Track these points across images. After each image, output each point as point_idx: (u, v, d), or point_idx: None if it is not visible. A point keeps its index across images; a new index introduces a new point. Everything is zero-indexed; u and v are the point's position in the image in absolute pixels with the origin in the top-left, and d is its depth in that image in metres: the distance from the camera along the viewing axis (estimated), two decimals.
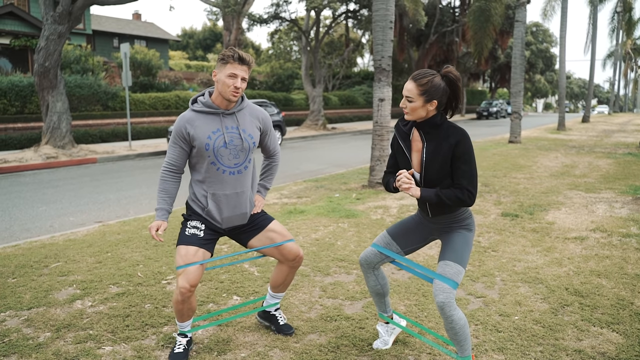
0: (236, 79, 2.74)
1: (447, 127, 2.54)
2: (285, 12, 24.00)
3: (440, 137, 2.53)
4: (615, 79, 57.07)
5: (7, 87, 16.99)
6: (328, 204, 7.14)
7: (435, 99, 2.50)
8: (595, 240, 5.26)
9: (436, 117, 2.55)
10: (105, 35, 35.75)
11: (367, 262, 2.87)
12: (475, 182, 2.52)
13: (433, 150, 2.54)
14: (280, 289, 3.19)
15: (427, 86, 2.48)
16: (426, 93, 2.48)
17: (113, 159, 14.08)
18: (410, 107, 2.53)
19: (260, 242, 3.02)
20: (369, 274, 2.90)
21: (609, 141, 18.36)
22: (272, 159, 3.25)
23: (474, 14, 24.40)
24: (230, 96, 2.77)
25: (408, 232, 2.82)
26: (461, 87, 2.60)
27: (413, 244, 2.83)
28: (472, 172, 2.51)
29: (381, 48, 8.30)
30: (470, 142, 2.51)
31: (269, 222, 3.06)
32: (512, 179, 9.34)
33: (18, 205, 7.71)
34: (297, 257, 3.06)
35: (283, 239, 3.03)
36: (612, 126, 29.44)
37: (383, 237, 2.86)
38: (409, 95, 2.52)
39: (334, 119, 31.43)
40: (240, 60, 2.74)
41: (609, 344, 3.04)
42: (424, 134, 2.58)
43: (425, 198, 2.54)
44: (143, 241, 5.31)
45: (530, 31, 48.72)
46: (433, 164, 2.54)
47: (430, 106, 2.51)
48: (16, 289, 3.98)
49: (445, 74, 2.52)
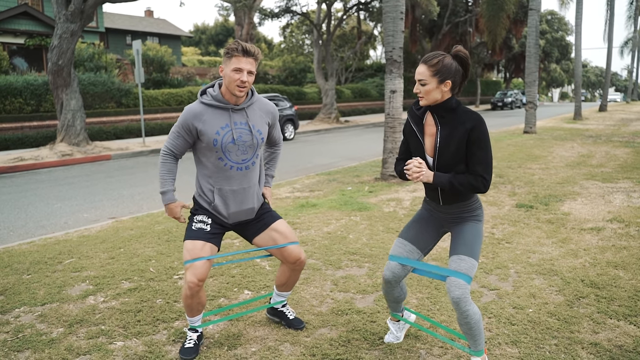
0: (242, 73, 2.68)
1: (462, 111, 2.47)
2: (296, 5, 23.92)
3: (455, 121, 2.46)
4: (634, 67, 56.07)
5: (22, 86, 17.18)
6: (340, 197, 7.11)
7: (449, 79, 2.43)
8: (612, 230, 5.16)
9: (451, 100, 2.48)
10: (117, 33, 35.96)
11: (396, 278, 2.72)
12: (490, 169, 2.45)
13: (447, 134, 2.47)
14: (284, 288, 3.16)
15: (438, 66, 2.42)
16: (439, 73, 2.42)
17: (127, 155, 14.18)
18: (424, 91, 2.46)
19: (263, 240, 2.97)
20: (396, 287, 2.77)
21: (627, 130, 18.05)
22: (275, 148, 3.24)
23: (487, 3, 24.12)
24: (236, 91, 2.72)
25: (422, 231, 2.73)
26: (470, 65, 2.53)
27: (430, 243, 2.75)
28: (487, 159, 2.44)
29: (392, 39, 8.22)
30: (486, 128, 2.45)
31: (274, 221, 3.00)
32: (527, 169, 9.22)
33: (34, 203, 7.79)
34: (297, 261, 2.98)
35: (285, 240, 2.95)
36: (631, 114, 28.93)
37: (402, 245, 2.72)
38: (421, 79, 2.45)
39: (347, 112, 31.31)
40: (245, 53, 2.67)
41: (626, 336, 2.97)
42: (439, 118, 2.51)
43: (438, 183, 2.47)
44: (155, 237, 5.33)
45: (545, 19, 47.99)
46: (447, 148, 2.47)
47: (445, 87, 2.44)
48: (30, 285, 4.01)
49: (455, 54, 2.47)
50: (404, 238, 2.74)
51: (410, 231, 2.75)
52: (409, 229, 2.77)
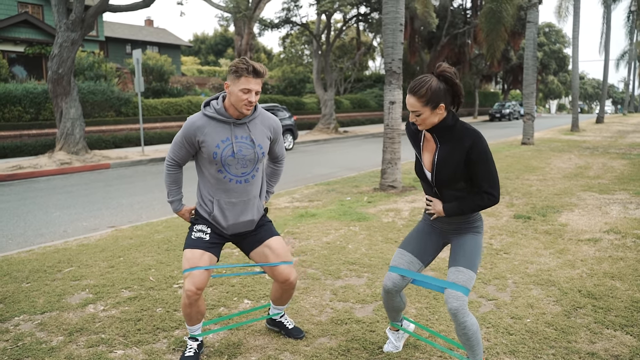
0: (250, 94, 2.69)
1: (460, 128, 2.49)
2: (296, 16, 24.06)
3: (454, 139, 2.49)
4: (630, 79, 56.39)
5: (21, 94, 17.23)
6: (339, 207, 7.14)
7: (442, 102, 2.45)
8: (609, 241, 5.20)
9: (447, 119, 2.50)
10: (117, 42, 36.12)
11: (397, 289, 2.73)
12: (496, 182, 2.48)
13: (446, 152, 2.50)
14: (278, 302, 3.17)
15: (428, 95, 2.42)
16: (430, 101, 2.43)
17: (126, 164, 14.20)
18: (420, 120, 2.48)
19: (257, 256, 2.97)
20: (396, 297, 2.79)
21: (624, 142, 18.14)
22: (277, 165, 3.22)
23: (485, 16, 24.25)
24: (243, 110, 2.74)
25: (423, 243, 2.74)
26: (459, 82, 2.53)
27: (430, 255, 2.76)
28: (491, 173, 2.46)
29: (391, 51, 8.29)
30: (485, 143, 2.47)
31: (269, 237, 2.98)
32: (525, 180, 9.27)
33: (32, 211, 7.80)
34: (286, 281, 2.97)
35: (277, 259, 2.93)
36: (627, 127, 29.09)
37: (402, 256, 2.74)
38: (414, 110, 2.47)
39: (346, 123, 31.42)
40: (255, 74, 2.67)
41: (622, 346, 3.00)
42: (438, 137, 2.54)
43: (450, 214, 2.55)
44: (155, 245, 5.35)
45: (543, 32, 48.35)
46: (445, 166, 2.50)
47: (439, 110, 2.46)
48: (30, 293, 4.02)
49: (440, 74, 2.45)
50: (405, 249, 2.76)
51: (411, 242, 2.77)
52: (409, 240, 2.79)
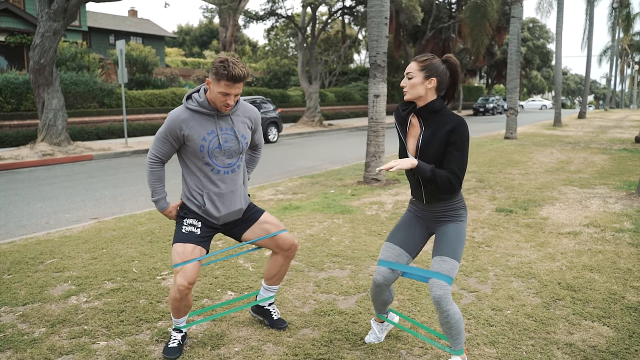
0: (229, 97, 2.71)
1: (445, 114, 2.56)
2: (281, 8, 23.95)
3: (438, 123, 2.55)
4: (612, 75, 57.17)
5: (2, 84, 16.93)
6: (323, 200, 7.16)
7: (434, 77, 2.52)
8: (588, 235, 5.29)
9: (435, 102, 2.56)
10: (101, 32, 35.60)
11: (387, 283, 2.75)
12: (463, 171, 2.53)
13: (430, 136, 2.55)
14: (274, 280, 3.20)
15: (426, 62, 2.55)
16: (426, 69, 2.54)
17: (109, 155, 14.06)
18: (410, 84, 2.56)
19: (254, 233, 3.04)
20: (385, 291, 2.80)
21: (605, 137, 18.41)
22: (256, 152, 3.28)
23: (470, 10, 24.39)
24: (222, 110, 2.78)
25: (409, 234, 2.76)
26: (460, 74, 2.64)
27: (417, 245, 2.78)
28: (462, 160, 2.52)
29: (376, 44, 8.31)
30: (466, 130, 2.51)
31: (261, 214, 3.09)
32: (507, 174, 9.37)
33: (14, 202, 7.70)
34: (292, 246, 3.10)
35: (277, 229, 3.06)
36: (608, 122, 29.49)
37: (390, 249, 2.75)
38: (409, 72, 2.56)
39: (331, 116, 31.40)
40: (235, 80, 2.66)
41: (599, 337, 3.07)
42: (423, 120, 2.59)
43: (421, 168, 2.48)
44: (138, 237, 5.32)
45: (527, 27, 48.69)
46: (428, 149, 2.55)
47: (429, 84, 2.53)
48: (11, 285, 3.99)
49: (445, 59, 2.59)
50: (392, 242, 2.78)
51: (398, 235, 2.79)
52: (396, 232, 2.81)
